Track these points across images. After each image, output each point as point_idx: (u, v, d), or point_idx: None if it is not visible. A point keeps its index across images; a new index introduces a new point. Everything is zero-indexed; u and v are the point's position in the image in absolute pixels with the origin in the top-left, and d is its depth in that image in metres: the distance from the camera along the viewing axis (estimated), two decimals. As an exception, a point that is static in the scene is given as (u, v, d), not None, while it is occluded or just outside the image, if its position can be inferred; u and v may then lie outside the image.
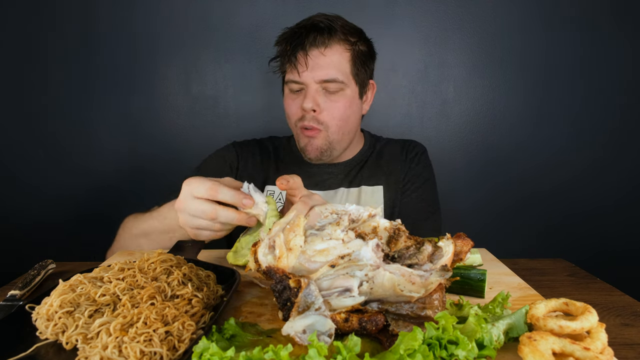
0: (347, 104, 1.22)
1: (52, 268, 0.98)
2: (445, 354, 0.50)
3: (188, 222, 0.84)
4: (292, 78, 1.20)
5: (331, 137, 1.24)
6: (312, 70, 1.16)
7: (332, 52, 1.17)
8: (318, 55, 1.16)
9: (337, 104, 1.21)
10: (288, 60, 1.19)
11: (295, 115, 1.24)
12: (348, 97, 1.22)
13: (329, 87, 1.18)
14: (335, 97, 1.20)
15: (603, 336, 0.54)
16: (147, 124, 2.02)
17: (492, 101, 2.03)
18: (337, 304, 0.57)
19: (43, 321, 0.60)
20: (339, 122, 1.22)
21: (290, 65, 1.19)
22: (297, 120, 1.23)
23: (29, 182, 1.98)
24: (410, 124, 2.05)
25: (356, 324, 0.56)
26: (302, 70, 1.17)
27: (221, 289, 0.72)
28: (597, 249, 2.11)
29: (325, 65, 1.17)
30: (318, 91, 1.19)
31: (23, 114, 1.97)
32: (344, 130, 1.26)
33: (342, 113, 1.22)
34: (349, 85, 1.21)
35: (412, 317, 0.57)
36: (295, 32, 1.19)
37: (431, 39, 1.98)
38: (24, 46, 1.93)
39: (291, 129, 1.32)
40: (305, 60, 1.16)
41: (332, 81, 1.17)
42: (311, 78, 1.17)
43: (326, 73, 1.17)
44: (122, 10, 1.93)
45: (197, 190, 0.82)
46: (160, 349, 0.53)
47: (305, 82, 1.18)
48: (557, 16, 1.96)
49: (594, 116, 2.03)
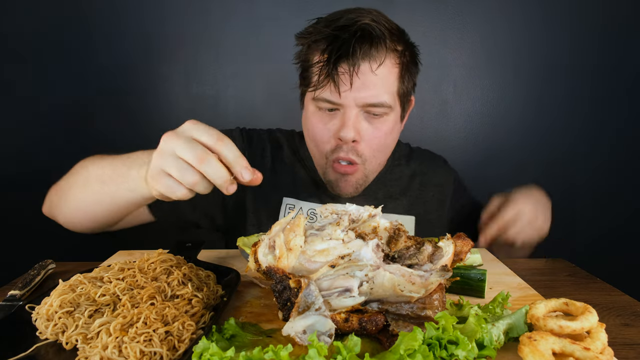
0: (389, 131, 1.00)
1: (52, 268, 0.98)
2: (445, 354, 0.50)
3: (164, 164, 0.65)
4: (329, 97, 0.94)
5: (367, 169, 1.02)
6: (357, 90, 0.92)
7: (382, 69, 0.93)
8: (367, 73, 0.91)
9: (378, 133, 0.98)
10: (326, 76, 0.91)
11: (328, 144, 0.99)
12: (391, 122, 0.99)
13: (372, 111, 0.95)
14: (378, 123, 0.97)
15: (603, 336, 0.54)
16: (147, 124, 2.02)
17: (492, 101, 2.03)
18: (337, 304, 0.57)
19: (43, 321, 0.60)
20: (378, 153, 1.01)
21: (326, 82, 0.92)
22: (330, 151, 1.00)
23: (29, 182, 1.98)
24: (410, 124, 2.05)
25: (356, 324, 0.56)
26: (344, 90, 0.91)
27: (221, 289, 0.72)
28: (598, 249, 2.11)
29: (372, 85, 0.92)
30: (358, 116, 0.95)
31: (23, 114, 1.97)
32: (380, 160, 1.06)
33: (383, 143, 1.00)
34: (394, 109, 0.99)
35: (412, 317, 0.57)
36: (338, 37, 0.91)
37: (431, 39, 1.98)
38: (24, 46, 1.93)
39: (314, 154, 1.07)
40: (351, 78, 0.90)
41: (379, 106, 0.94)
42: (353, 100, 0.93)
43: (373, 95, 0.93)
44: (122, 10, 1.93)
45: (198, 130, 0.65)
46: (160, 349, 0.53)
47: (344, 104, 0.94)
48: (557, 16, 1.96)
49: (593, 116, 2.03)
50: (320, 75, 0.93)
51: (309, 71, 0.98)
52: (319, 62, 0.94)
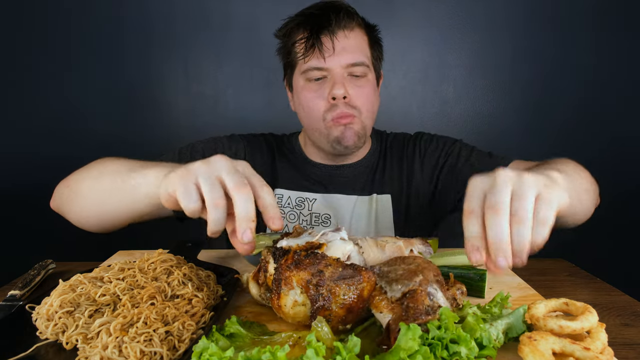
0: (372, 90, 1.15)
1: (52, 268, 0.98)
2: (446, 354, 0.50)
3: (201, 171, 0.60)
4: (316, 65, 1.09)
5: (364, 122, 1.14)
6: (339, 54, 1.07)
7: (355, 35, 1.10)
8: (344, 38, 1.08)
9: (364, 89, 1.12)
10: (311, 45, 1.08)
11: (322, 107, 1.11)
12: (371, 82, 1.15)
13: (355, 72, 1.10)
14: (361, 82, 1.12)
15: (603, 336, 0.54)
16: (147, 124, 2.02)
17: (492, 101, 2.03)
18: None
19: (43, 321, 0.60)
20: (369, 106, 1.14)
21: (312, 51, 1.08)
22: (326, 112, 1.11)
23: (29, 182, 1.98)
24: (411, 124, 2.05)
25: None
26: (328, 55, 1.07)
27: (221, 289, 0.72)
28: (598, 249, 2.11)
29: (351, 48, 1.09)
30: (344, 77, 1.09)
31: (24, 116, 1.97)
32: (372, 116, 1.18)
33: (371, 98, 1.14)
34: (370, 71, 1.14)
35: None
36: (315, 15, 1.09)
37: (431, 39, 1.98)
38: (23, 46, 1.93)
39: (312, 125, 1.16)
40: (332, 43, 1.07)
41: (360, 64, 1.10)
42: (337, 63, 1.08)
43: (353, 56, 1.09)
44: (122, 11, 1.93)
45: (249, 168, 0.63)
46: (160, 349, 0.53)
47: (330, 68, 1.09)
48: (557, 16, 1.96)
49: (593, 116, 2.03)
50: (306, 47, 1.09)
51: (295, 48, 1.13)
52: (302, 38, 1.10)
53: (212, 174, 0.60)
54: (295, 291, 0.59)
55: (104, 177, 0.85)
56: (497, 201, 0.53)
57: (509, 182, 0.54)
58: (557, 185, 0.58)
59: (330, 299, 0.57)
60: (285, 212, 1.21)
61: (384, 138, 1.34)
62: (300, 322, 0.62)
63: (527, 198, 0.53)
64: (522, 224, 0.52)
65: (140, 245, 1.10)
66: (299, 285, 0.59)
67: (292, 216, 1.21)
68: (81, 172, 0.94)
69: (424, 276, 0.56)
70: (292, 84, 1.19)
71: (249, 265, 0.95)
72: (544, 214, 0.53)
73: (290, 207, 1.22)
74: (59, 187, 0.98)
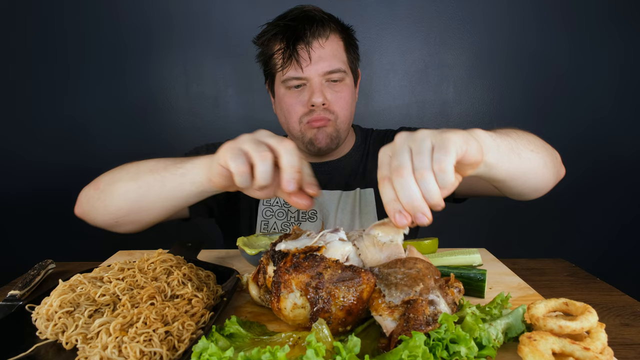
0: (349, 93, 1.21)
1: (52, 268, 0.98)
2: (446, 355, 0.50)
3: (242, 139, 0.67)
4: (294, 75, 1.15)
5: (339, 125, 1.21)
6: (315, 63, 1.13)
7: (330, 43, 1.15)
8: (319, 48, 1.14)
9: (342, 94, 1.18)
10: (289, 57, 1.13)
11: (300, 112, 1.18)
12: (348, 85, 1.21)
13: (332, 78, 1.16)
14: (339, 87, 1.18)
15: (603, 336, 0.54)
16: (148, 125, 2.02)
17: (492, 101, 2.03)
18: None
19: (43, 321, 0.60)
20: (346, 111, 1.21)
21: (289, 62, 1.14)
22: (303, 115, 1.18)
23: (30, 182, 1.98)
24: (410, 124, 2.05)
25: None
26: (305, 65, 1.13)
27: (221, 289, 0.72)
28: (598, 249, 2.11)
29: (327, 56, 1.14)
30: (322, 84, 1.16)
31: (24, 114, 1.97)
32: (349, 119, 1.24)
33: (348, 102, 1.20)
34: (348, 74, 1.20)
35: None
36: (290, 27, 1.14)
37: (431, 39, 1.98)
38: (22, 47, 1.93)
39: (290, 128, 1.24)
40: (308, 54, 1.12)
41: (337, 71, 1.15)
42: (315, 72, 1.13)
43: (330, 64, 1.14)
44: (121, 11, 1.93)
45: (268, 134, 0.69)
46: (160, 349, 0.53)
47: (308, 77, 1.14)
48: (557, 16, 1.96)
49: (593, 116, 2.03)
50: (284, 59, 1.14)
51: (273, 59, 1.19)
52: (279, 49, 1.15)
53: (255, 137, 0.67)
54: (294, 294, 0.59)
55: (142, 174, 0.87)
56: (399, 164, 0.56)
57: (405, 143, 0.57)
58: (460, 135, 0.58)
59: (329, 301, 0.57)
60: (274, 211, 1.26)
61: (369, 135, 1.40)
62: (300, 325, 0.62)
63: (423, 152, 0.55)
64: (425, 178, 0.54)
65: (140, 245, 1.10)
66: (298, 288, 0.59)
67: (281, 214, 1.26)
68: (112, 173, 0.94)
69: (425, 284, 0.56)
70: (273, 90, 1.26)
71: (249, 266, 0.95)
72: (440, 160, 0.54)
73: (278, 206, 1.27)
74: (87, 192, 0.97)
